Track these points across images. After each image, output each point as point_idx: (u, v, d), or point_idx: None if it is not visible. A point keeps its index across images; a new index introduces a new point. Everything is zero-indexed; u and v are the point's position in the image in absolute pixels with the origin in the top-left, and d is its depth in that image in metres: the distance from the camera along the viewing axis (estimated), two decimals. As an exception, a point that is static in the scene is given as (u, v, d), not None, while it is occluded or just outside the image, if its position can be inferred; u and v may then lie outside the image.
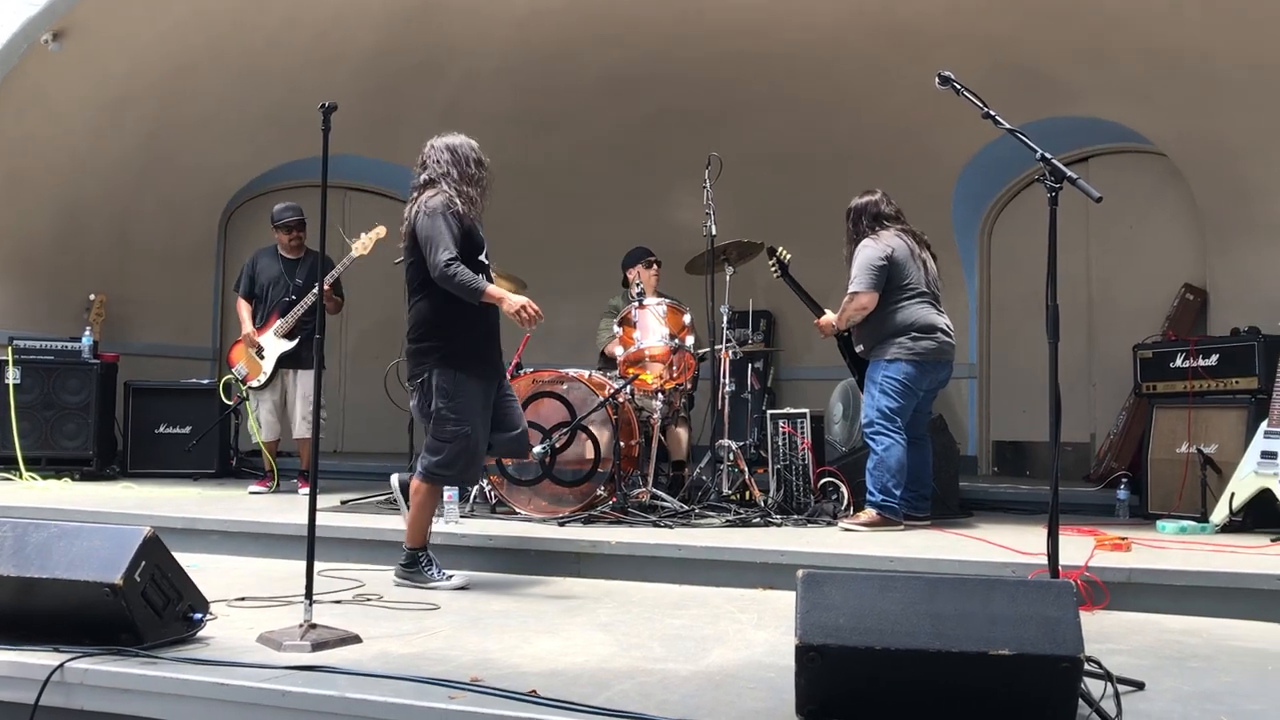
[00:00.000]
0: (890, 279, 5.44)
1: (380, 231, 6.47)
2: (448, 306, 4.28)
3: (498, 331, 4.48)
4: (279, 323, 6.68)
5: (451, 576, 4.36)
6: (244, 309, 6.87)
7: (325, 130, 3.53)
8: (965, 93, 3.59)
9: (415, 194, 4.44)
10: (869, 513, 5.32)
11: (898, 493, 5.31)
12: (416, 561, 4.36)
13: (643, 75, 8.56)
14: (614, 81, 8.64)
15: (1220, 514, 5.41)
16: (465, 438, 4.27)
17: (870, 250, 5.48)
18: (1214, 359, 6.07)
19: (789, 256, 6.14)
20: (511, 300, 4.33)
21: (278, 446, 7.00)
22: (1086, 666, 2.65)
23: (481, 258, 4.39)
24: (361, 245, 6.48)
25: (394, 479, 4.58)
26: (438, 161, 4.46)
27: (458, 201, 4.33)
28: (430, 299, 4.31)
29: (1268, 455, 5.29)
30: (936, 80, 3.65)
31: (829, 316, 5.78)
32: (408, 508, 4.39)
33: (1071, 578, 3.77)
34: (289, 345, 6.68)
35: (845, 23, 7.72)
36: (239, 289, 6.96)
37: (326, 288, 6.43)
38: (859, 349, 5.68)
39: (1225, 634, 3.73)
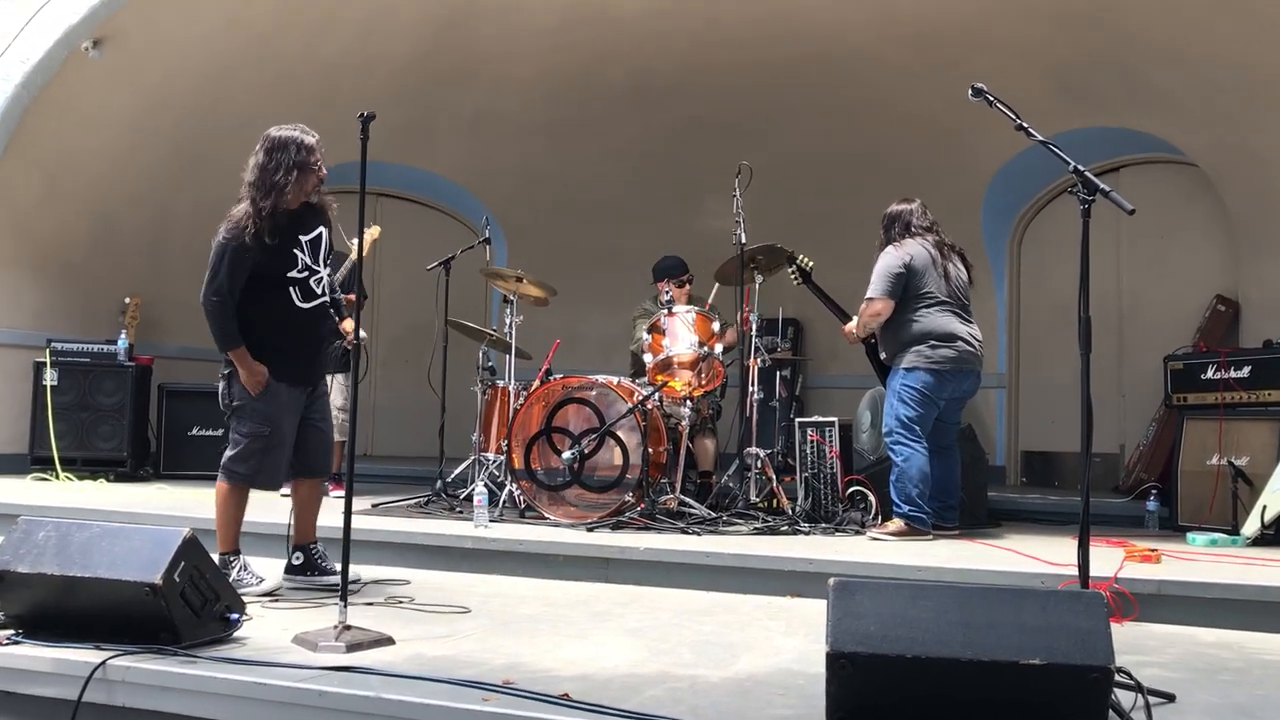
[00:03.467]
0: (908, 287, 5.44)
1: (374, 231, 6.49)
2: (253, 313, 4.21)
3: (314, 340, 4.42)
4: None
5: (261, 582, 4.27)
6: None
7: (364, 140, 3.58)
8: (998, 104, 3.61)
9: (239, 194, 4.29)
10: (896, 522, 5.32)
11: (922, 502, 5.30)
12: (226, 566, 4.24)
13: (672, 83, 8.59)
14: (643, 90, 8.67)
15: (1252, 527, 5.37)
16: (263, 438, 4.22)
17: (889, 258, 5.49)
18: (1246, 370, 6.03)
19: (810, 264, 6.14)
20: (249, 376, 4.20)
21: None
22: (1117, 678, 2.66)
23: (294, 272, 4.24)
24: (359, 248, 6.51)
25: None
26: (252, 163, 4.26)
27: (253, 222, 4.14)
28: (242, 305, 4.20)
29: (1301, 469, 5.27)
30: (969, 92, 3.67)
31: (853, 324, 5.79)
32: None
33: (1101, 589, 3.77)
34: None
35: (875, 31, 7.72)
36: None
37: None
38: (882, 356, 5.68)
39: (1258, 648, 3.71)
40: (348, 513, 3.50)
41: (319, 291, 4.35)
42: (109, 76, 7.41)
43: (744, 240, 6.04)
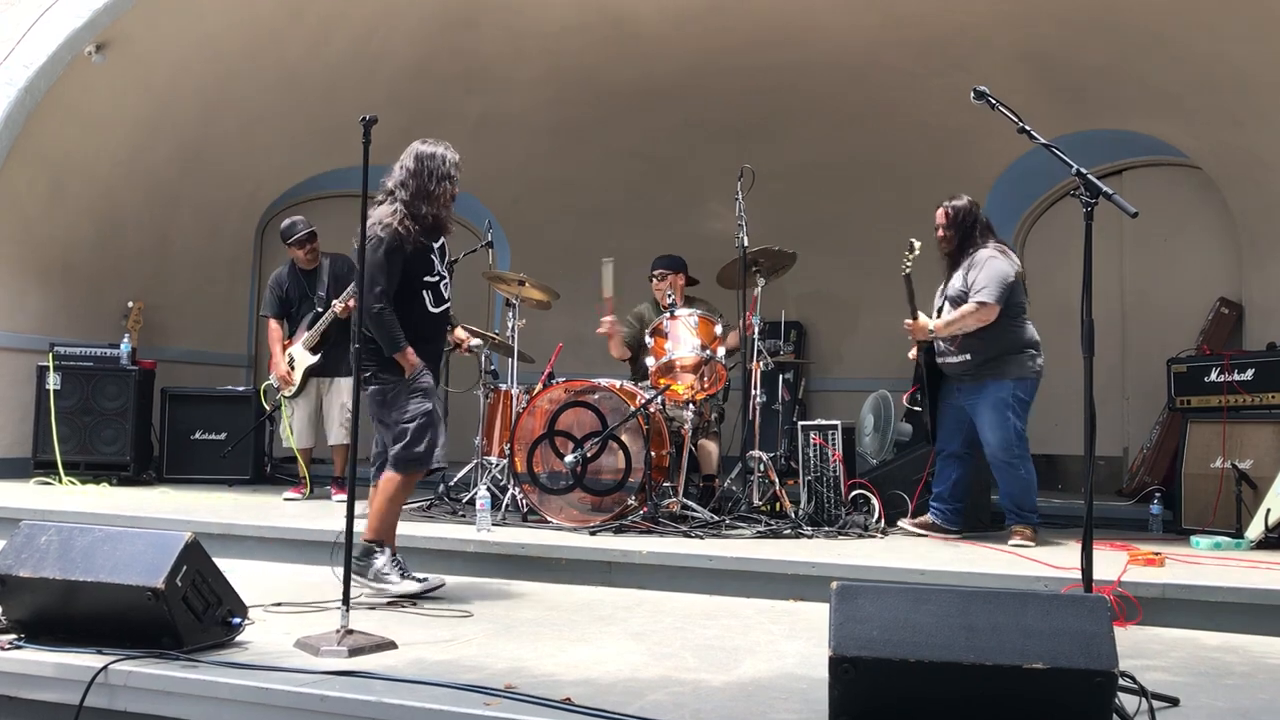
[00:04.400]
0: (1012, 295, 5.38)
1: None
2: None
3: (436, 343, 4.55)
4: (306, 335, 6.75)
5: (403, 580, 4.26)
6: (275, 334, 6.94)
7: (366, 143, 3.59)
8: (1000, 107, 3.60)
9: (378, 198, 4.43)
10: (1028, 529, 5.32)
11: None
12: (371, 553, 4.27)
13: (675, 87, 8.59)
14: (647, 93, 8.68)
15: (1256, 530, 5.36)
16: (424, 414, 4.29)
17: (1003, 264, 5.39)
18: (1249, 373, 6.03)
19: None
20: (410, 368, 4.31)
21: (311, 454, 7.06)
22: (1121, 681, 2.65)
23: (429, 277, 4.42)
24: None
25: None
26: (399, 168, 4.47)
27: (405, 224, 4.30)
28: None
29: (1304, 471, 5.26)
30: (971, 95, 3.66)
31: (925, 320, 5.64)
32: None
33: (1105, 592, 3.76)
34: (314, 359, 6.75)
35: (878, 34, 7.73)
36: (269, 312, 7.01)
37: (348, 299, 6.53)
38: (959, 359, 5.50)
39: (1263, 651, 3.70)
40: (349, 517, 3.49)
41: (446, 297, 4.52)
42: (112, 80, 7.42)
43: (746, 244, 6.03)
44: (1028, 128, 3.54)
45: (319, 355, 6.75)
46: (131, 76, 7.53)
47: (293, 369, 6.80)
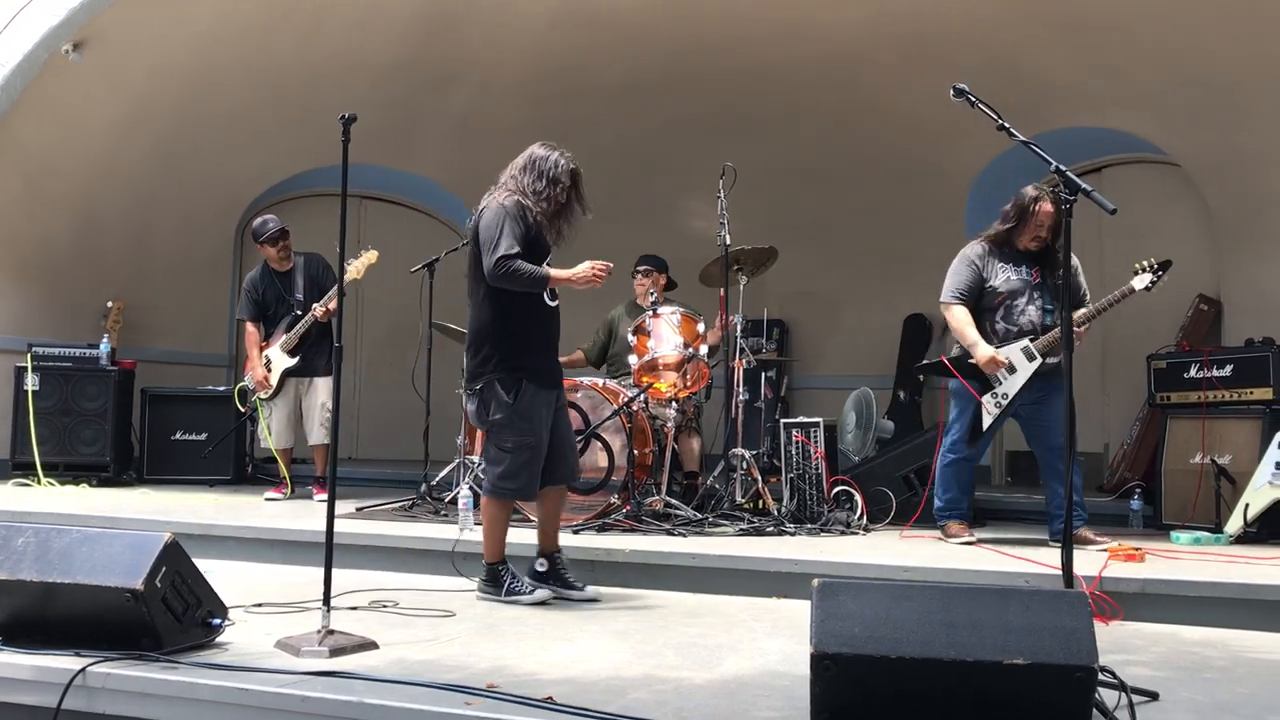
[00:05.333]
0: None
1: (371, 256, 6.52)
2: (508, 311, 4.21)
3: (556, 342, 4.43)
4: (285, 338, 6.72)
5: (534, 590, 4.26)
6: (252, 337, 6.91)
7: (345, 141, 3.57)
8: (980, 105, 3.62)
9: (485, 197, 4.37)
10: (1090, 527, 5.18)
11: None
12: (496, 576, 4.29)
13: (657, 85, 8.59)
14: (629, 91, 8.67)
15: (1235, 525, 5.40)
16: (528, 448, 4.19)
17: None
18: (1228, 369, 6.06)
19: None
20: (578, 273, 4.25)
21: (292, 454, 7.03)
22: (1101, 677, 2.66)
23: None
24: (355, 270, 6.53)
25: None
26: (512, 165, 4.42)
27: (526, 202, 4.23)
28: (491, 302, 4.22)
29: (1282, 466, 5.30)
30: (951, 92, 3.67)
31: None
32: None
33: (1085, 588, 3.78)
34: (292, 362, 6.72)
35: (860, 34, 7.74)
36: (245, 315, 6.97)
37: (328, 303, 6.52)
38: (1055, 359, 4.93)
39: (1242, 645, 3.72)
40: (330, 516, 3.48)
41: (558, 290, 4.36)
42: (90, 79, 7.37)
43: (728, 241, 6.04)
44: (1007, 125, 3.55)
45: (296, 358, 6.73)
46: (110, 75, 7.48)
47: (270, 371, 6.77)
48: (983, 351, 5.09)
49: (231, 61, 7.90)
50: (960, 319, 5.23)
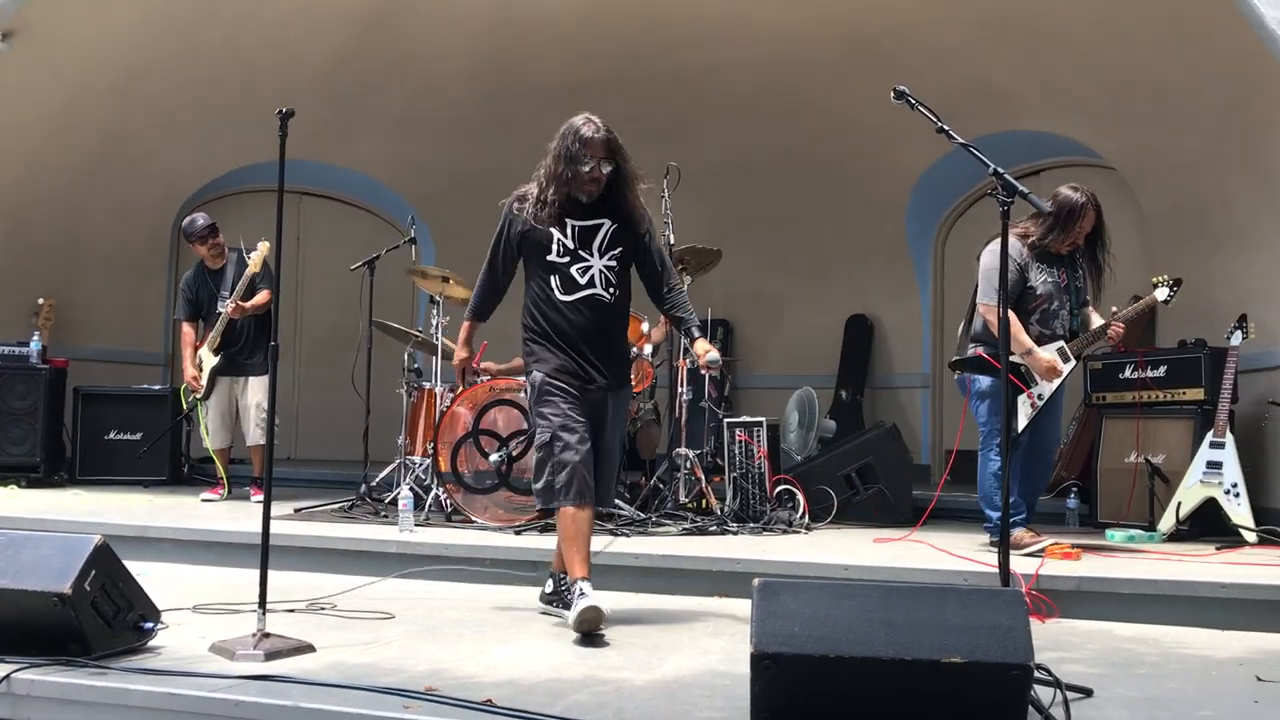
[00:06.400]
0: None
1: (264, 248, 6.44)
2: (532, 305, 4.09)
3: (589, 337, 4.02)
4: (210, 336, 6.63)
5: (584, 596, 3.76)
6: (187, 338, 6.82)
7: (282, 137, 3.51)
8: (920, 107, 3.64)
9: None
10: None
11: None
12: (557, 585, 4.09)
13: (601, 83, 8.54)
14: (572, 89, 8.58)
15: (1167, 523, 5.50)
16: (542, 446, 3.90)
17: None
18: (1162, 370, 6.18)
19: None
20: (456, 355, 4.28)
21: (230, 454, 6.92)
22: (1036, 674, 2.69)
23: (551, 257, 4.00)
24: (254, 264, 6.45)
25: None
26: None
27: (519, 202, 4.10)
28: (527, 293, 4.12)
29: (1213, 466, 5.41)
30: (892, 94, 3.69)
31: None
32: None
33: (1022, 587, 3.82)
34: (216, 360, 6.63)
35: (802, 36, 7.78)
36: (181, 315, 6.88)
37: (237, 299, 6.43)
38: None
39: (1173, 641, 3.79)
40: (266, 517, 3.42)
41: (584, 283, 4.01)
42: (19, 70, 7.19)
43: (672, 241, 6.04)
44: (946, 127, 3.58)
45: (219, 356, 6.63)
46: (40, 67, 7.30)
47: (200, 371, 6.68)
48: (1043, 357, 4.89)
49: (162, 56, 7.75)
50: (1013, 322, 4.84)
